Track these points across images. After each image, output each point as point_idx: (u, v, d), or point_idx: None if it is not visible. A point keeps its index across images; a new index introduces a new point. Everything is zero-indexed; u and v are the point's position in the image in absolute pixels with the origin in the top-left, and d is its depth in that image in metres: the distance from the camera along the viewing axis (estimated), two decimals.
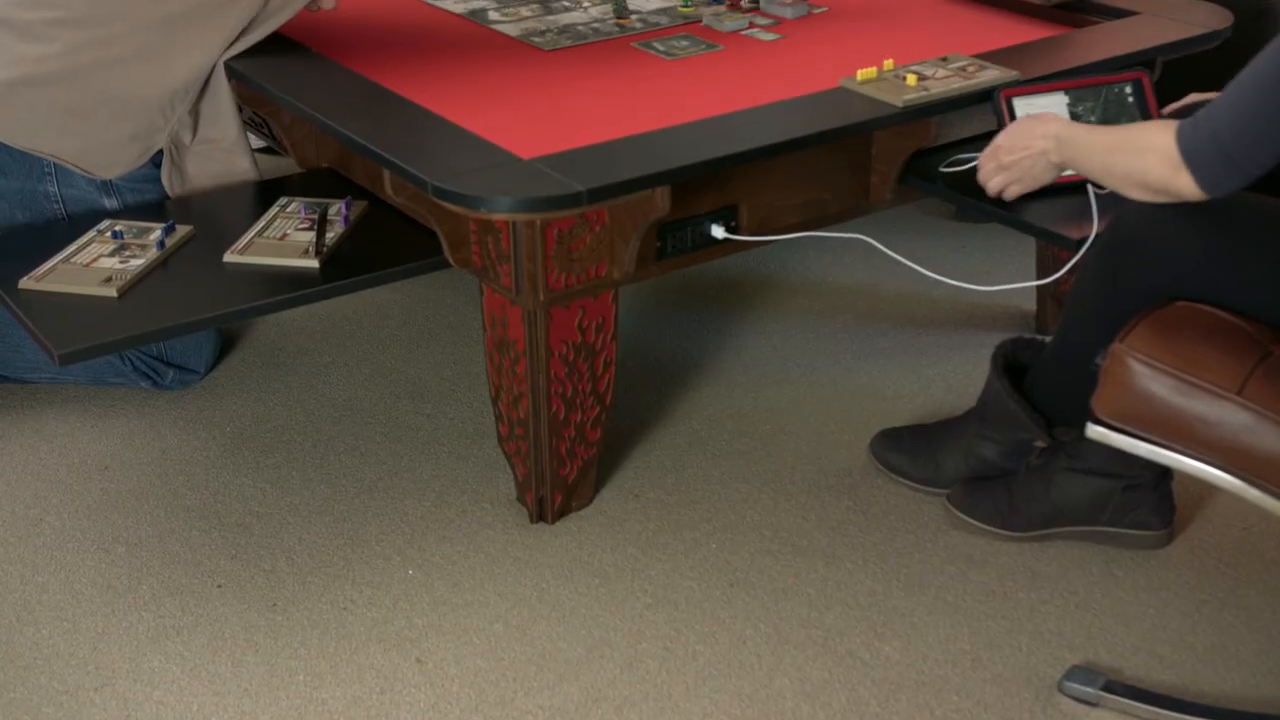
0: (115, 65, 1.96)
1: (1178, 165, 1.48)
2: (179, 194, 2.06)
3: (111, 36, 1.95)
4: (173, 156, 2.05)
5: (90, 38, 1.94)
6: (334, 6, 2.21)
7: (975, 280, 2.59)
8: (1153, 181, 1.52)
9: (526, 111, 1.95)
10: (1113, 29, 2.16)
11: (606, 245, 1.78)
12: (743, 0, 2.39)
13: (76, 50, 1.94)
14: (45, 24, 1.94)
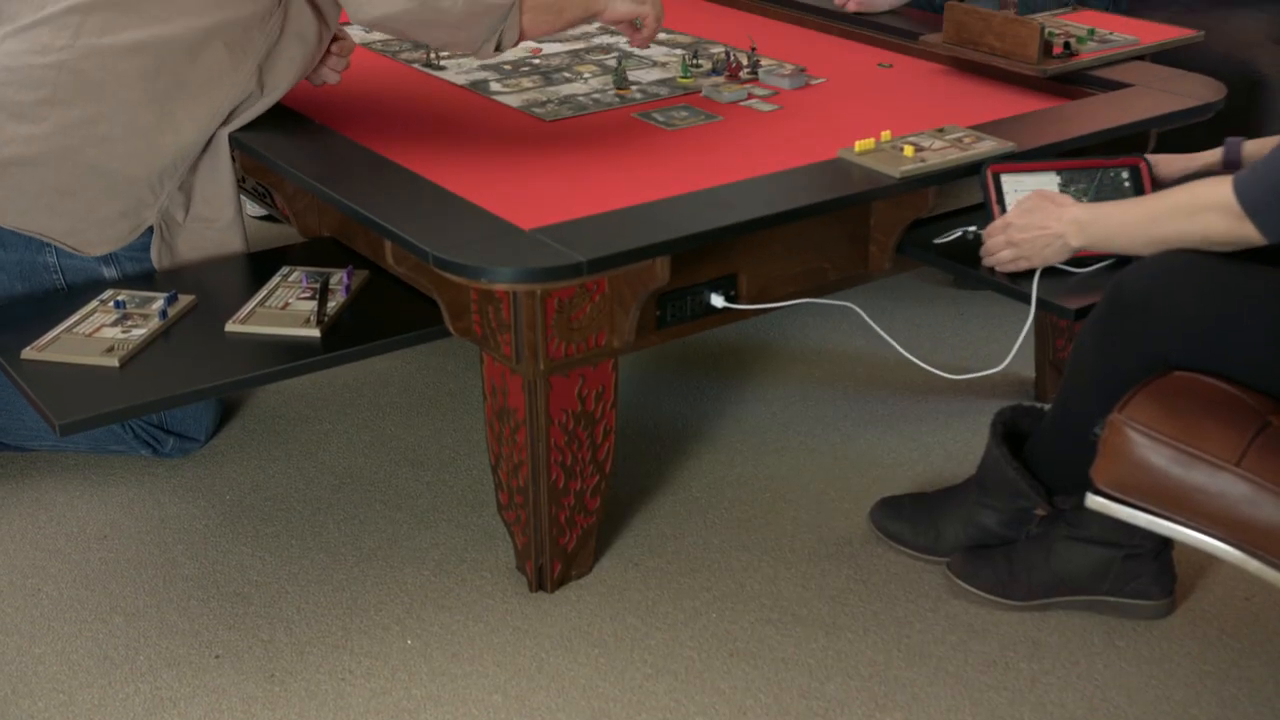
0: (103, 143, 1.98)
1: (1241, 217, 1.54)
2: (166, 269, 2.06)
3: (99, 115, 1.97)
4: (163, 232, 2.05)
5: (78, 116, 1.96)
6: (338, 81, 2.23)
7: (975, 347, 2.61)
8: (1216, 239, 1.58)
9: (527, 182, 1.97)
10: (1108, 101, 2.19)
11: (606, 314, 1.79)
12: (741, 71, 2.42)
13: (65, 130, 1.96)
14: (34, 104, 1.95)
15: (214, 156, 2.07)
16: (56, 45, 1.96)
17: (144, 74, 1.97)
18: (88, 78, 1.96)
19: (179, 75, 1.99)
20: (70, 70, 1.95)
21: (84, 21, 1.96)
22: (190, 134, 2.02)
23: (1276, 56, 2.70)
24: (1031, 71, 2.28)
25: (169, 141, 2.00)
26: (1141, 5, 2.92)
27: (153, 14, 1.97)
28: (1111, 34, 2.42)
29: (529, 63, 2.53)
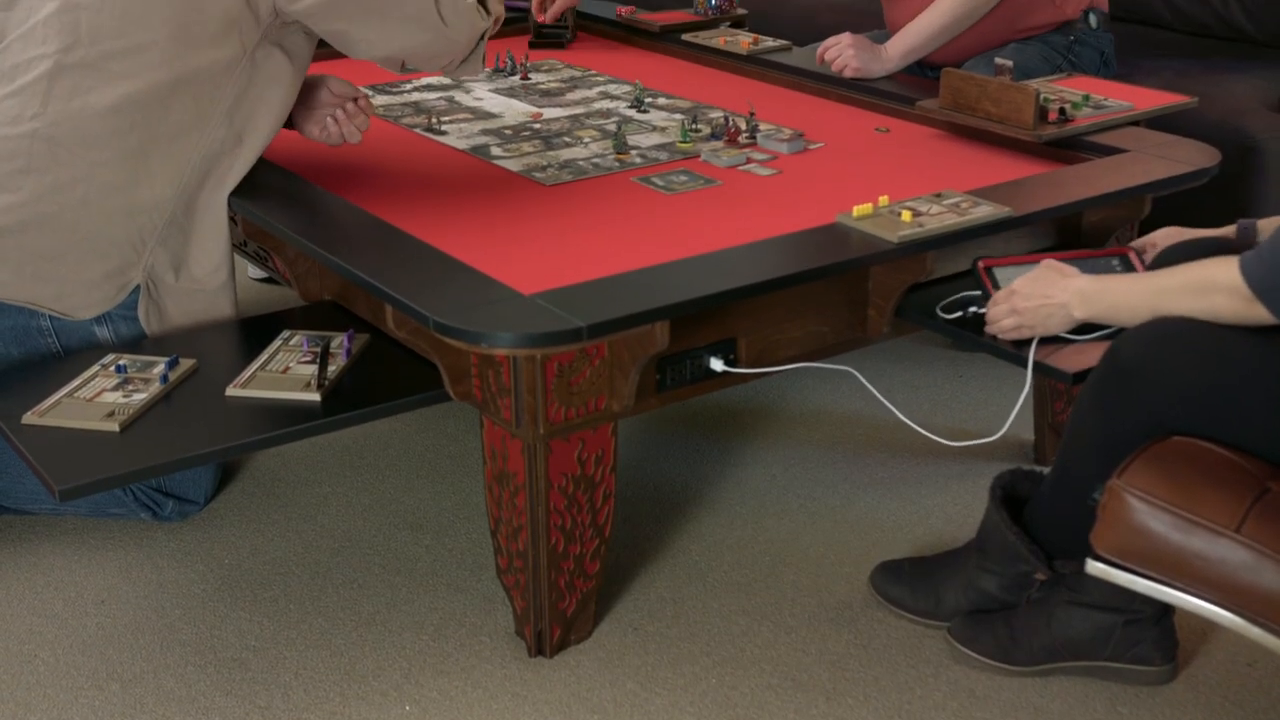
0: (82, 206, 1.99)
1: (1250, 299, 1.54)
2: (155, 333, 2.07)
3: (75, 178, 1.99)
4: (151, 293, 2.06)
5: (54, 182, 1.98)
6: (360, 140, 2.25)
7: (974, 409, 2.61)
8: (1224, 318, 1.57)
9: (528, 246, 1.98)
10: (1103, 166, 2.21)
11: (606, 379, 1.80)
12: (740, 136, 2.44)
13: (42, 196, 1.98)
14: (10, 174, 1.97)
15: (210, 219, 2.08)
16: (27, 115, 1.99)
17: (115, 133, 1.99)
18: (60, 143, 1.98)
19: (150, 130, 2.01)
20: (43, 138, 1.98)
21: (51, 87, 1.99)
22: (165, 187, 2.03)
23: (1270, 122, 2.72)
24: (1027, 137, 2.30)
25: (145, 197, 2.02)
26: (1135, 71, 2.95)
27: (117, 71, 2.00)
28: (1106, 100, 2.44)
29: (530, 127, 2.55)
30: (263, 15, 2.05)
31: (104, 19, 2.00)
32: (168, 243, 2.06)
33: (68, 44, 2.00)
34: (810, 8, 3.64)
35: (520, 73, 2.91)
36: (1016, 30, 2.73)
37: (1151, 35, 3.33)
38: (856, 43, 2.70)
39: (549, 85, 2.85)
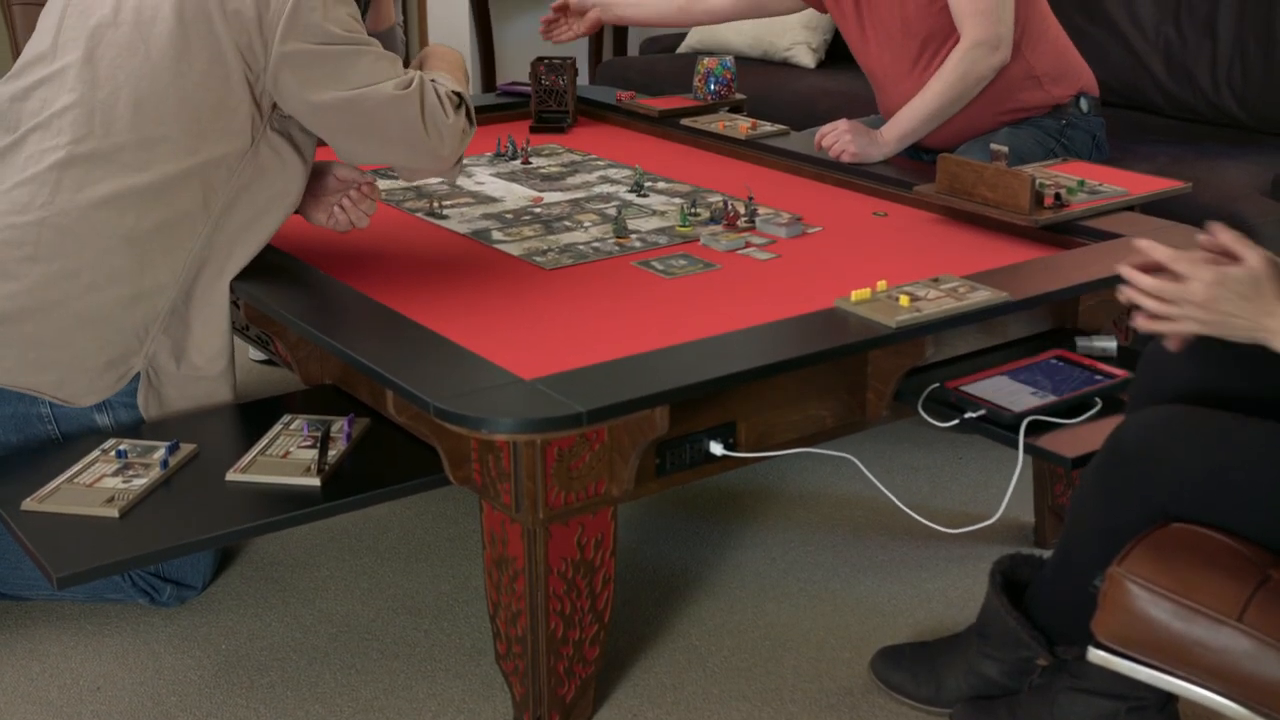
0: (86, 293, 2.00)
1: None
2: (154, 419, 2.07)
3: (80, 266, 2.00)
4: (150, 380, 2.07)
5: (59, 270, 2.00)
6: (367, 224, 2.28)
7: (973, 491, 2.61)
8: None
9: (528, 330, 1.99)
10: (1099, 251, 2.22)
11: (606, 463, 1.80)
12: (739, 220, 2.46)
13: (46, 284, 1.99)
14: (16, 262, 1.99)
15: (212, 306, 2.10)
16: (36, 203, 2.01)
17: (121, 221, 2.01)
18: (68, 232, 2.00)
19: (156, 218, 2.03)
20: (51, 226, 2.00)
21: (61, 177, 2.01)
22: (168, 275, 2.05)
23: (1264, 207, 2.75)
24: (1024, 222, 2.32)
25: (149, 284, 2.03)
26: (1129, 155, 2.99)
27: (128, 163, 2.02)
28: (1101, 185, 2.47)
29: (530, 211, 2.58)
30: (265, 107, 2.08)
31: (117, 112, 2.03)
32: (170, 330, 2.07)
33: (80, 135, 2.02)
34: (807, 93, 3.69)
35: (521, 157, 2.95)
36: (1008, 112, 2.77)
37: (1145, 120, 3.38)
38: (853, 128, 2.74)
39: (550, 169, 2.88)
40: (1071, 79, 2.82)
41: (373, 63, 2.06)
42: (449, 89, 2.13)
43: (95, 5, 2.12)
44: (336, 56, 2.04)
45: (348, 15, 2.09)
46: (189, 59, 2.04)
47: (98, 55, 2.07)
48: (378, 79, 2.05)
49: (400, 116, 2.06)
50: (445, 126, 2.10)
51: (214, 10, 2.03)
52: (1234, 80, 3.26)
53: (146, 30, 2.05)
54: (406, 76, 2.08)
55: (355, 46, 2.06)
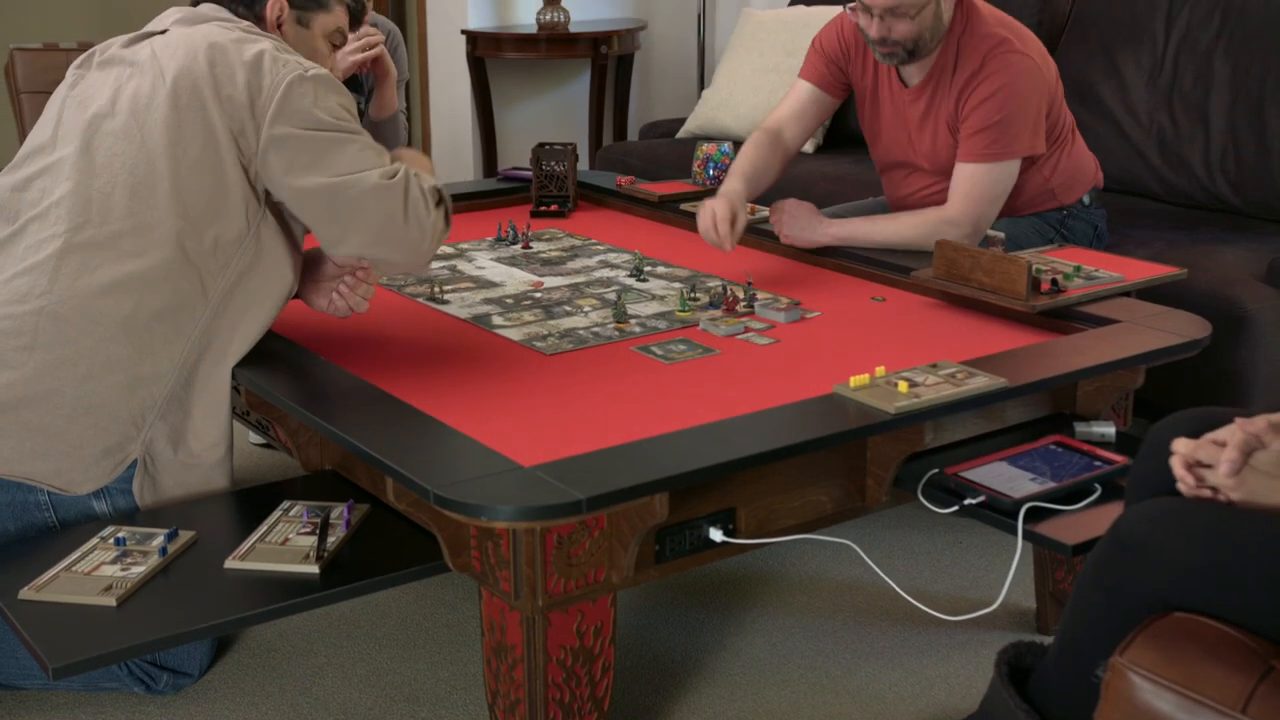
0: (84, 381, 2.01)
1: None
2: (149, 506, 2.06)
3: (78, 354, 2.01)
4: (147, 467, 2.06)
5: (57, 358, 2.00)
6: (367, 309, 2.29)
7: (974, 576, 2.60)
8: None
9: (528, 417, 2.00)
10: (1097, 336, 2.24)
11: (605, 550, 1.80)
12: (738, 305, 2.48)
13: (45, 372, 2.00)
14: (14, 350, 2.00)
15: (212, 393, 2.10)
16: (35, 292, 2.02)
17: (120, 308, 2.02)
18: (66, 320, 2.01)
19: (154, 305, 2.04)
20: (49, 315, 2.01)
21: (60, 265, 2.03)
22: (167, 362, 2.06)
23: (1259, 293, 2.76)
24: (1021, 307, 2.34)
25: (147, 373, 2.04)
26: (1125, 241, 3.01)
27: (126, 250, 2.04)
28: (1097, 271, 2.48)
29: (531, 296, 2.59)
30: (260, 191, 2.12)
31: (114, 200, 2.05)
32: (167, 416, 2.08)
33: (78, 224, 2.05)
34: (806, 178, 3.73)
35: (522, 241, 2.97)
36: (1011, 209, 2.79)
37: (1141, 206, 3.41)
38: (795, 210, 2.75)
39: (550, 254, 2.90)
40: (1083, 185, 2.86)
41: (359, 152, 2.08)
42: (430, 184, 2.15)
43: (94, 96, 2.15)
44: (324, 143, 2.06)
45: (339, 104, 2.12)
46: (184, 145, 2.07)
47: (94, 145, 2.10)
48: (363, 168, 2.07)
49: (382, 207, 2.07)
50: (426, 222, 2.11)
51: (208, 97, 2.07)
52: (1227, 167, 3.29)
53: (142, 118, 2.09)
54: (392, 168, 2.10)
55: (343, 134, 2.08)
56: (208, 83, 2.07)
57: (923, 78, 2.76)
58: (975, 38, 2.68)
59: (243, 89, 2.06)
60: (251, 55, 2.09)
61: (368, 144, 2.11)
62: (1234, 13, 3.33)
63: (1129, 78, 3.49)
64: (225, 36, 2.13)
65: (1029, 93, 2.65)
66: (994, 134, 2.64)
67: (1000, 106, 2.63)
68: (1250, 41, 3.28)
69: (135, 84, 2.12)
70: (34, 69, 3.65)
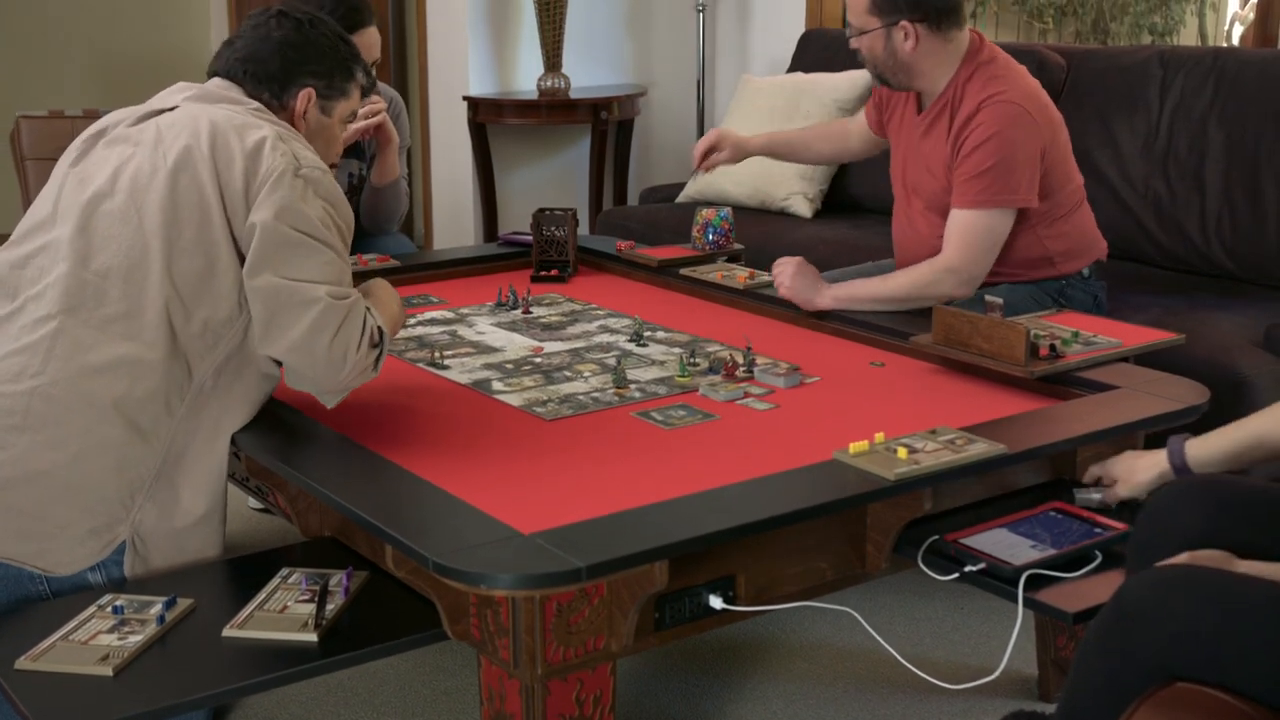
0: (73, 463, 1.99)
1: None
2: (136, 577, 2.03)
3: (69, 435, 1.99)
4: (136, 546, 2.03)
5: (46, 439, 1.99)
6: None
7: (975, 643, 2.58)
8: None
9: (528, 482, 2.00)
10: (1096, 403, 2.24)
11: (605, 618, 1.79)
12: (738, 370, 2.49)
13: (32, 454, 1.98)
14: (3, 431, 1.98)
15: (203, 473, 2.08)
16: (28, 372, 2.01)
17: (110, 390, 2.01)
18: (57, 401, 2.00)
19: (144, 388, 2.03)
20: (41, 396, 2.00)
21: (54, 346, 2.02)
22: (156, 444, 2.04)
23: (1256, 359, 2.77)
24: (1020, 373, 2.35)
25: (137, 454, 2.02)
26: (1123, 306, 3.02)
27: (119, 333, 2.03)
28: (1095, 336, 2.49)
29: (531, 361, 2.60)
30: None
31: (109, 283, 2.05)
32: (156, 497, 2.05)
33: (73, 305, 2.04)
34: (805, 243, 3.75)
35: (522, 306, 2.98)
36: (1009, 273, 2.81)
37: (1138, 271, 3.42)
38: (800, 270, 2.78)
39: (550, 319, 2.91)
40: (1085, 256, 2.88)
41: (321, 264, 2.07)
42: (376, 325, 2.13)
43: (95, 173, 2.15)
44: (292, 243, 2.05)
45: (323, 208, 2.10)
46: (179, 227, 2.06)
47: (92, 226, 2.09)
48: (317, 280, 2.05)
49: (316, 321, 2.04)
50: (352, 355, 2.07)
51: (206, 181, 2.07)
52: (1223, 233, 3.32)
53: (140, 199, 2.08)
54: (344, 290, 2.08)
55: (314, 242, 2.07)
56: (207, 167, 2.08)
57: (929, 106, 2.86)
58: (978, 82, 2.76)
59: (240, 175, 2.06)
60: (253, 142, 2.09)
61: (334, 259, 2.09)
62: (1227, 81, 3.37)
63: (1124, 145, 3.52)
64: (231, 120, 2.13)
65: (1022, 141, 2.69)
66: (988, 180, 2.69)
67: (993, 152, 2.68)
68: (1243, 109, 3.32)
69: (136, 163, 2.12)
70: (39, 136, 3.69)
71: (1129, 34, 5.05)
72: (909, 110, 2.94)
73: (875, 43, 2.79)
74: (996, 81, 2.75)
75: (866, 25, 2.79)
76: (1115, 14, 5.13)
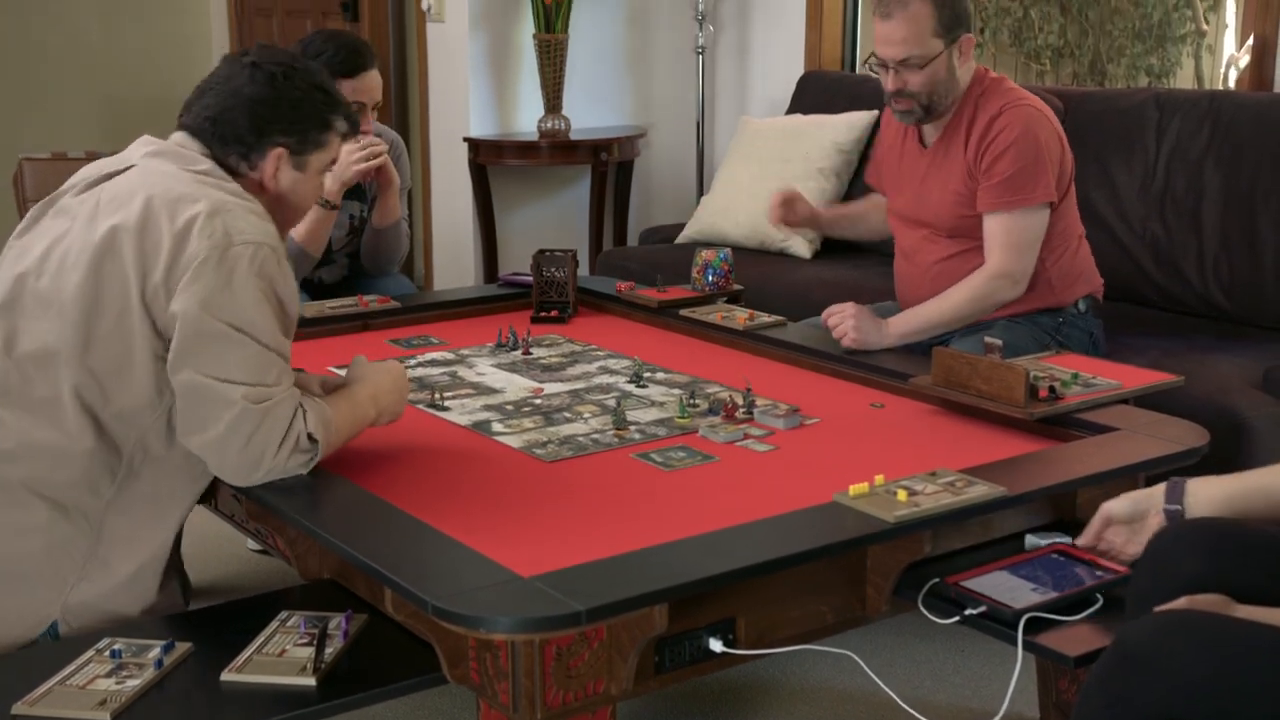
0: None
1: None
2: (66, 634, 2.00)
3: None
4: (69, 623, 2.01)
5: None
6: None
7: (977, 685, 2.57)
8: None
9: (528, 525, 2.00)
10: (1096, 444, 2.24)
11: (605, 662, 1.78)
12: (737, 411, 2.49)
13: None
14: None
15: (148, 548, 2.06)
16: None
17: (33, 477, 1.99)
18: None
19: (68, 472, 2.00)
20: None
21: None
22: (86, 526, 2.02)
23: (1255, 400, 2.78)
24: (1019, 414, 2.35)
25: (65, 536, 2.00)
26: (1122, 348, 3.03)
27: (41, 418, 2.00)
28: (1095, 378, 2.50)
29: (531, 403, 2.60)
30: None
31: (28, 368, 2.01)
32: (90, 576, 2.03)
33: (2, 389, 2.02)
34: (804, 284, 3.76)
35: (522, 347, 2.98)
36: (1006, 308, 2.83)
37: (1136, 313, 3.43)
38: (860, 314, 2.78)
39: (550, 360, 2.92)
40: (1080, 285, 2.93)
41: (241, 361, 1.98)
42: (308, 432, 2.04)
43: (32, 246, 2.11)
44: (213, 337, 1.97)
45: (256, 292, 2.01)
46: (98, 315, 2.01)
47: (18, 306, 2.05)
48: (235, 379, 1.97)
49: (226, 426, 1.97)
50: (266, 462, 2.01)
51: (130, 268, 2.00)
52: (1221, 274, 3.33)
53: (63, 281, 2.03)
54: (262, 393, 1.99)
55: (238, 335, 1.98)
56: (132, 251, 2.00)
57: (938, 136, 2.90)
58: (991, 96, 2.85)
59: (164, 262, 1.98)
60: (183, 222, 1.99)
61: (257, 354, 1.99)
62: (1222, 123, 3.39)
63: (1122, 186, 3.54)
64: (170, 192, 2.04)
65: (1045, 140, 2.80)
66: (1020, 180, 2.77)
67: (1022, 153, 2.77)
68: (1239, 151, 3.34)
69: (68, 242, 2.06)
70: (42, 178, 3.71)
71: (1126, 75, 5.09)
72: (908, 148, 2.98)
73: (939, 66, 2.81)
74: (1010, 93, 2.86)
75: (932, 50, 2.79)
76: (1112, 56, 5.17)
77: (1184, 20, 5.03)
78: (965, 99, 2.86)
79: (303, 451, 2.05)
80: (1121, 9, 5.13)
